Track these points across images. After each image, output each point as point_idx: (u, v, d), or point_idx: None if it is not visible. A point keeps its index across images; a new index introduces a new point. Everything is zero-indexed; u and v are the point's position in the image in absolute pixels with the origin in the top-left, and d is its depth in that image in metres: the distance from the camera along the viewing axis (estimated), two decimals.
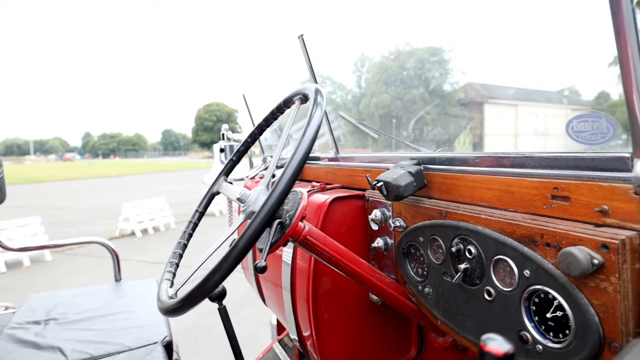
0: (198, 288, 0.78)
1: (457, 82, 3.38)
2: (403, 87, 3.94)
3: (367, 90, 4.34)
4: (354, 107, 4.49)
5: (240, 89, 2.48)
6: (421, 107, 3.68)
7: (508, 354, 0.44)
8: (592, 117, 0.67)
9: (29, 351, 1.32)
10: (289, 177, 0.77)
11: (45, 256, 7.42)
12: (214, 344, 3.75)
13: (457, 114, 3.48)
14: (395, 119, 4.06)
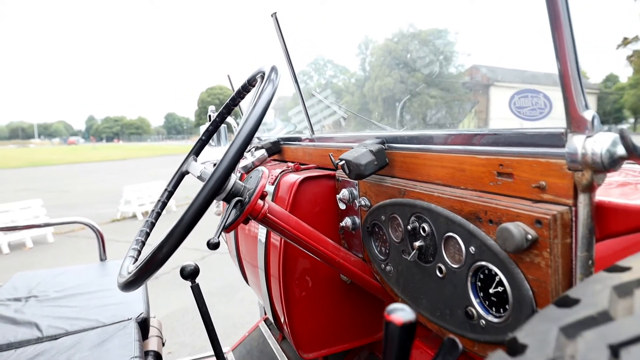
0: (147, 262, 0.79)
1: (463, 65, 3.32)
2: (407, 70, 3.89)
3: (371, 74, 4.28)
4: (358, 91, 4.43)
5: (226, 70, 2.46)
6: (424, 90, 3.64)
7: (407, 323, 0.45)
8: (531, 92, 0.67)
9: (6, 326, 1.35)
10: (234, 152, 0.78)
11: (48, 238, 7.53)
12: (214, 322, 3.82)
13: (461, 97, 3.44)
14: (398, 102, 4.03)
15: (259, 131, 2.70)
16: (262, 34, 2.10)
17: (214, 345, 1.35)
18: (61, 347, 1.19)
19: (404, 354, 0.47)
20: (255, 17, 2.08)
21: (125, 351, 1.16)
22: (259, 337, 2.31)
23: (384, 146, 1.07)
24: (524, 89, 0.66)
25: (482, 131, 0.80)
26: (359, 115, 1.67)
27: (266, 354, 2.12)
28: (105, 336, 1.24)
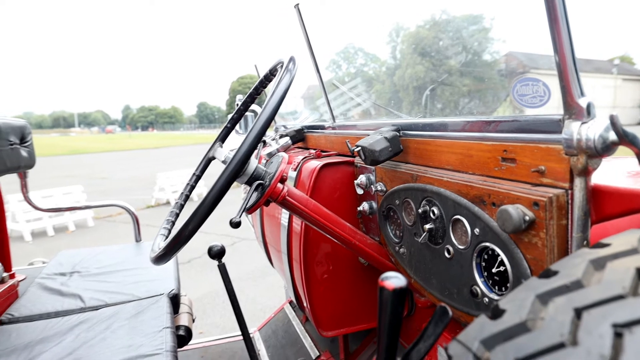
0: (175, 238, 0.87)
1: (498, 52, 3.26)
2: (438, 58, 3.83)
3: (402, 62, 4.23)
4: (388, 79, 4.38)
5: (253, 60, 2.54)
6: (457, 78, 3.58)
7: (398, 289, 0.50)
8: (531, 80, 0.69)
9: (54, 297, 1.49)
10: (253, 137, 0.84)
11: (88, 222, 7.93)
12: (242, 306, 3.98)
13: (496, 85, 3.37)
14: (430, 90, 3.98)
15: (285, 119, 2.78)
16: (289, 23, 2.15)
17: (239, 321, 1.44)
18: (101, 316, 1.31)
19: (396, 317, 0.52)
20: (282, 7, 2.12)
21: (158, 322, 1.26)
22: (284, 318, 2.41)
23: (399, 133, 1.11)
24: (525, 77, 0.69)
25: (489, 118, 0.83)
26: (376, 104, 1.71)
27: (290, 334, 2.22)
28: (140, 308, 1.35)
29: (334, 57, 3.74)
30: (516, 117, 0.76)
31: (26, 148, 1.84)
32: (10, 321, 1.33)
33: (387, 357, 0.54)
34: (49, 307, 1.42)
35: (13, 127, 1.72)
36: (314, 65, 1.74)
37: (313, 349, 1.95)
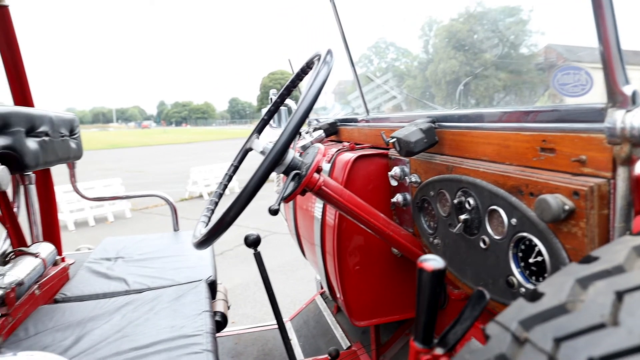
0: (218, 223, 0.92)
1: (536, 45, 3.15)
2: (473, 52, 3.74)
3: (435, 56, 4.16)
4: (420, 74, 4.32)
5: (287, 55, 2.57)
6: (493, 72, 3.49)
7: (437, 270, 0.52)
8: (573, 69, 0.69)
9: (101, 280, 1.58)
10: (291, 128, 0.87)
11: (126, 213, 8.26)
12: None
13: (533, 79, 3.27)
14: (463, 85, 3.91)
15: (318, 114, 2.81)
16: (322, 18, 2.16)
17: (274, 309, 1.47)
18: (145, 299, 1.38)
19: (434, 298, 0.54)
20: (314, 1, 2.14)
21: (197, 305, 1.32)
22: (315, 309, 2.45)
23: (434, 125, 1.12)
24: (566, 66, 0.69)
25: (527, 109, 0.83)
26: (411, 96, 1.70)
27: (322, 324, 2.25)
28: (181, 293, 1.41)
29: (365, 52, 3.72)
30: (556, 106, 0.75)
31: (75, 140, 1.95)
32: (63, 300, 1.42)
33: (425, 337, 0.56)
34: (97, 288, 1.51)
35: (64, 120, 1.82)
36: (349, 58, 1.75)
37: (344, 340, 1.98)
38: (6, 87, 1.71)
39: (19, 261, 1.35)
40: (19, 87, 1.70)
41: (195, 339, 1.11)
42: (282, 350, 2.17)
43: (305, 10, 3.10)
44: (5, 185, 1.28)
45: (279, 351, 2.16)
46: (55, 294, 1.48)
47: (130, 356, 1.03)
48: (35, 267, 1.37)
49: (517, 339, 0.44)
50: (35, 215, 1.61)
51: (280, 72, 74.67)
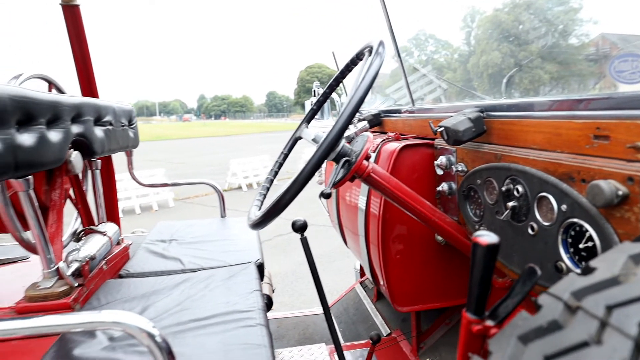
0: (274, 205, 0.98)
1: (587, 35, 3.02)
2: (517, 43, 3.64)
3: (477, 48, 4.07)
4: (461, 67, 4.23)
5: (330, 47, 2.62)
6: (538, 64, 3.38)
7: (491, 245, 0.55)
8: (632, 56, 0.70)
9: (158, 259, 1.70)
10: (346, 116, 0.92)
11: (169, 203, 8.63)
12: (308, 287, 4.16)
13: (583, 71, 3.14)
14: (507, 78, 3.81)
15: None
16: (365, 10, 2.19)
17: (319, 293, 1.54)
18: (199, 277, 1.48)
19: (487, 272, 0.57)
20: None
21: (248, 285, 1.40)
22: (354, 297, 2.51)
23: (483, 114, 1.13)
24: (625, 53, 0.70)
25: (580, 97, 0.84)
26: (457, 86, 1.71)
27: (361, 312, 2.31)
28: (232, 273, 1.50)
29: (405, 44, 3.68)
30: (610, 94, 0.76)
31: (133, 130, 2.09)
32: (127, 275, 1.55)
33: (477, 310, 0.60)
34: (156, 267, 1.62)
35: (124, 110, 1.96)
36: (395, 48, 1.78)
37: (384, 327, 2.02)
38: (75, 79, 1.86)
39: (89, 239, 1.48)
40: (86, 79, 1.84)
41: (248, 314, 1.19)
42: (322, 335, 2.25)
43: (346, 2, 3.12)
44: (79, 169, 1.41)
45: (319, 335, 2.23)
46: (119, 270, 1.61)
47: (191, 326, 1.12)
48: (104, 245, 1.50)
49: (569, 307, 0.47)
50: (100, 199, 1.75)
51: (317, 65, 74.67)
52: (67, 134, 1.31)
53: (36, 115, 1.14)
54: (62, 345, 1.04)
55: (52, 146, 1.21)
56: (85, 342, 1.05)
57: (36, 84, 1.46)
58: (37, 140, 1.13)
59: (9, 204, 1.19)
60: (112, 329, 0.76)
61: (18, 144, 1.03)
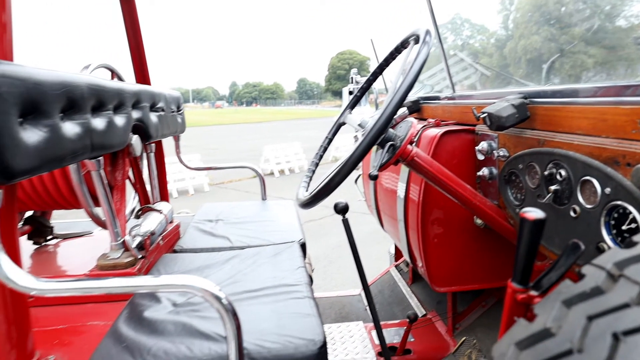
0: (324, 186, 1.05)
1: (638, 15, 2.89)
2: (559, 26, 3.52)
3: (515, 32, 3.97)
4: (497, 52, 4.14)
5: (368, 35, 2.64)
6: (581, 48, 3.27)
7: (538, 220, 0.60)
8: None
9: (207, 237, 1.82)
10: (394, 103, 0.97)
11: (204, 187, 8.90)
12: (340, 272, 4.25)
13: (631, 56, 3.02)
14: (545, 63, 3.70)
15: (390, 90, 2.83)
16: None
17: (360, 273, 1.61)
18: (247, 254, 1.58)
19: (533, 245, 0.62)
20: None
21: (293, 262, 1.49)
22: (389, 280, 2.57)
23: (526, 101, 1.16)
24: None
25: (627, 83, 0.86)
26: (502, 73, 1.72)
27: (397, 294, 2.37)
28: (277, 251, 1.60)
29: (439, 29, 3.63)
30: None
31: (180, 115, 2.21)
32: (181, 251, 1.67)
33: (522, 280, 0.65)
34: (206, 244, 1.74)
35: (173, 97, 2.07)
36: (437, 34, 1.80)
37: (419, 308, 2.08)
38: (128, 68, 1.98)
39: (147, 216, 1.61)
40: (140, 68, 1.96)
41: (296, 288, 1.28)
42: (358, 315, 2.33)
43: None
44: (138, 152, 1.53)
45: (355, 315, 2.31)
46: (172, 245, 1.74)
47: (244, 296, 1.22)
48: (160, 222, 1.62)
49: (612, 275, 0.52)
50: (154, 180, 1.88)
51: (348, 51, 73.91)
52: (129, 119, 1.42)
53: (106, 101, 1.25)
54: (133, 308, 1.16)
55: (118, 130, 1.32)
56: (152, 306, 1.17)
57: (101, 73, 1.58)
58: (107, 125, 1.24)
59: (83, 182, 1.32)
60: (185, 291, 0.86)
61: (93, 128, 1.15)
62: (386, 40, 2.57)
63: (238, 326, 0.86)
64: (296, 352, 0.95)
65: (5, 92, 0.78)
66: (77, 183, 1.30)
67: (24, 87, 0.83)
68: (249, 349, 0.94)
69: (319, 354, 0.95)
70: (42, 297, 0.93)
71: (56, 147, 0.95)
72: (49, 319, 1.18)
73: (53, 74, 0.96)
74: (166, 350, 0.95)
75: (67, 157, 1.00)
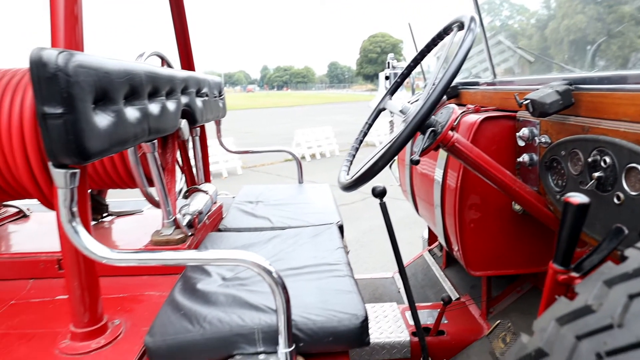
0: (368, 170, 1.10)
1: None
2: (607, 4, 3.37)
3: (558, 12, 3.83)
4: (537, 33, 4.01)
5: (406, 18, 2.63)
6: (632, 28, 3.13)
7: (582, 204, 0.63)
8: None
9: (248, 217, 1.91)
10: (438, 91, 1.00)
11: (238, 170, 9.11)
12: (372, 256, 4.31)
13: None
14: (590, 44, 3.55)
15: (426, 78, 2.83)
16: None
17: (396, 255, 1.66)
18: (288, 234, 1.65)
19: (575, 230, 0.65)
20: None
21: (332, 243, 1.55)
22: (423, 264, 2.61)
23: (571, 87, 1.16)
24: None
25: None
26: (545, 58, 1.69)
27: (430, 277, 2.41)
28: (317, 232, 1.66)
29: None
30: None
31: (222, 100, 2.29)
32: (225, 230, 1.77)
33: (563, 261, 0.68)
34: (248, 223, 1.83)
35: (215, 82, 2.15)
36: (479, 17, 1.78)
37: (453, 292, 2.12)
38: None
39: (195, 196, 1.70)
40: (185, 54, 2.04)
41: (336, 267, 1.34)
42: (392, 296, 2.38)
43: None
44: (187, 135, 1.61)
45: (389, 296, 2.37)
46: (217, 225, 1.83)
47: (288, 273, 1.29)
48: (206, 202, 1.71)
49: None
50: (199, 162, 1.97)
51: (380, 34, 72.49)
52: (178, 104, 1.50)
53: (160, 88, 1.33)
54: (186, 281, 1.25)
55: (170, 115, 1.41)
56: (203, 280, 1.26)
57: (152, 60, 1.67)
58: (161, 110, 1.32)
59: (139, 163, 1.42)
60: (238, 265, 0.93)
61: (150, 113, 1.23)
62: (424, 24, 2.55)
63: (287, 299, 0.92)
64: (339, 325, 1.01)
65: (83, 81, 0.86)
66: (134, 164, 1.40)
67: (96, 76, 0.91)
68: (296, 320, 1.01)
69: (360, 327, 1.01)
70: (105, 268, 1.02)
71: (121, 131, 1.03)
72: (111, 288, 1.29)
73: (118, 63, 1.04)
74: (220, 318, 1.03)
75: (130, 140, 1.09)
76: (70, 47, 0.91)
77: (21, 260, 1.39)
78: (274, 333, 0.97)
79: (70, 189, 0.89)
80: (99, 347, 1.03)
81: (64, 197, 0.89)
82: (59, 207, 0.89)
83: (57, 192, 0.89)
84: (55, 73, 0.80)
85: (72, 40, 0.92)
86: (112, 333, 1.08)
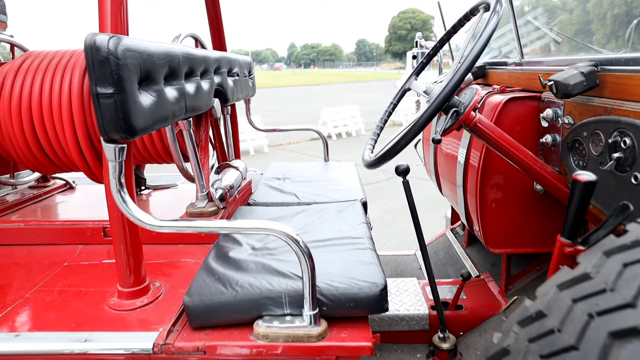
0: (391, 148, 1.15)
1: None
2: None
3: None
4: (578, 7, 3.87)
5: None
6: None
7: (589, 182, 0.67)
8: None
9: (276, 193, 2.00)
10: (461, 72, 1.03)
11: (264, 148, 9.24)
12: (394, 235, 4.37)
13: None
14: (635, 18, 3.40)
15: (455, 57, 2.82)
16: None
17: (418, 233, 1.72)
18: (313, 210, 1.73)
19: (583, 205, 0.69)
20: None
21: (356, 218, 1.63)
22: (445, 242, 2.65)
23: (597, 68, 1.16)
24: None
25: None
26: (572, 39, 1.67)
27: (451, 255, 2.46)
28: (341, 208, 1.73)
29: None
30: None
31: (251, 80, 2.36)
32: (254, 204, 1.87)
33: (570, 235, 0.72)
34: (276, 199, 1.92)
35: (245, 62, 2.22)
36: None
37: (473, 270, 2.16)
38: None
39: (226, 172, 1.80)
40: (217, 35, 2.12)
41: (359, 240, 1.41)
42: (413, 272, 2.45)
43: None
44: (219, 114, 1.70)
45: (410, 273, 2.44)
46: (246, 199, 1.93)
47: (314, 245, 1.38)
48: (237, 177, 1.81)
49: None
50: (230, 139, 2.07)
51: (411, 10, 70.43)
52: (212, 84, 1.58)
53: (195, 68, 1.41)
54: (219, 250, 1.35)
55: (204, 94, 1.49)
56: (234, 249, 1.36)
57: (187, 41, 1.75)
58: (196, 89, 1.40)
59: (176, 140, 1.52)
60: (269, 234, 1.02)
61: (186, 92, 1.31)
62: (454, 1, 2.52)
63: (312, 266, 1.01)
64: (360, 292, 1.09)
65: (130, 63, 0.94)
66: (171, 141, 1.50)
67: (141, 59, 1.00)
68: (320, 286, 1.09)
69: (380, 294, 1.09)
70: (145, 236, 1.13)
71: (162, 109, 1.12)
72: (152, 255, 1.41)
73: (159, 46, 1.12)
74: (251, 283, 1.13)
75: (169, 117, 1.18)
76: (116, 31, 0.99)
77: (71, 227, 1.53)
78: (300, 297, 1.06)
79: (119, 162, 0.99)
80: (142, 305, 1.15)
81: (114, 170, 0.99)
82: (109, 178, 0.99)
83: (108, 164, 0.99)
84: (107, 57, 0.89)
85: (118, 24, 1.01)
86: (154, 293, 1.20)
